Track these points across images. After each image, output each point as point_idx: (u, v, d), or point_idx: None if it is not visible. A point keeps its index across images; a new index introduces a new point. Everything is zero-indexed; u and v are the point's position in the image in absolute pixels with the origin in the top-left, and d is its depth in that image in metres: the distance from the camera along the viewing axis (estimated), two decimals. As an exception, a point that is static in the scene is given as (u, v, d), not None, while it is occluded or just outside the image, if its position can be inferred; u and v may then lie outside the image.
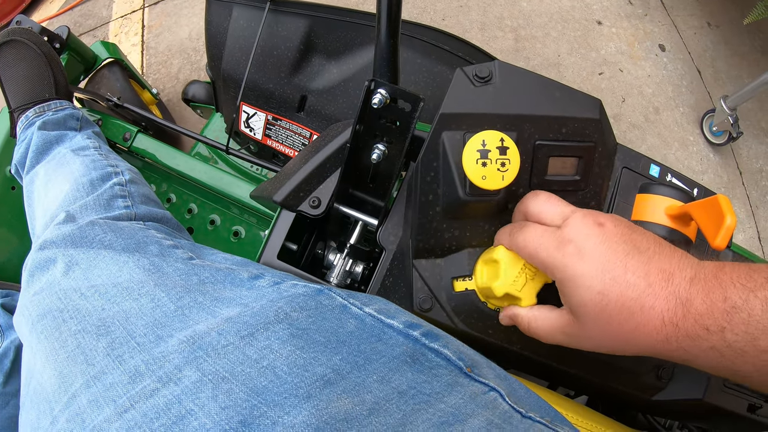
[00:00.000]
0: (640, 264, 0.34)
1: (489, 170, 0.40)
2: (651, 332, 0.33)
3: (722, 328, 0.30)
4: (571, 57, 1.80)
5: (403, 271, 0.51)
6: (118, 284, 0.44)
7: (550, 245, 0.37)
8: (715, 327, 0.31)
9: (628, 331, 0.34)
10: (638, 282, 0.34)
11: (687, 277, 0.33)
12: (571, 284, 0.36)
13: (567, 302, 0.37)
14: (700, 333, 0.31)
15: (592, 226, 0.37)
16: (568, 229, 0.37)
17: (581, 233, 0.36)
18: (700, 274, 0.33)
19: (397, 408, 0.33)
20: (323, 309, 0.39)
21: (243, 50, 0.91)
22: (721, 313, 0.31)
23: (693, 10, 1.95)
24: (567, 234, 0.37)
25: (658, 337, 0.33)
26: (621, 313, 0.34)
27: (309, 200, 0.55)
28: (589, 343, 0.38)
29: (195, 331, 0.36)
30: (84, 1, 1.91)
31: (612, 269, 0.34)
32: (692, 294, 0.32)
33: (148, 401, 0.31)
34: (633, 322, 0.34)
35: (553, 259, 0.37)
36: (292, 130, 0.96)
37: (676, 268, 0.34)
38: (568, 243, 0.36)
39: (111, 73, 1.25)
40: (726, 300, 0.31)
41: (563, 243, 0.37)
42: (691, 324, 0.32)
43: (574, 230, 0.37)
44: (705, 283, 0.32)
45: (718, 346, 0.31)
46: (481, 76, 0.45)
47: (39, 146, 0.83)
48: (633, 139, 1.71)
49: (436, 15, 1.82)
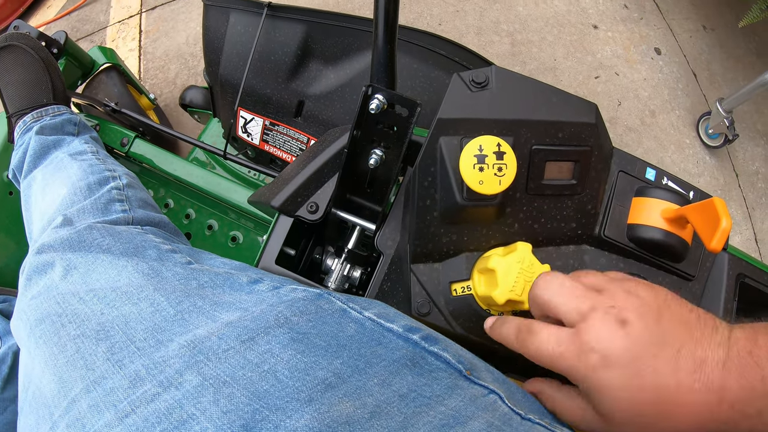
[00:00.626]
0: (668, 361, 0.32)
1: (486, 175, 0.41)
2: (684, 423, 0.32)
3: (760, 412, 0.29)
4: (567, 61, 1.81)
5: (401, 276, 0.51)
6: (117, 288, 0.43)
7: (570, 355, 0.34)
8: (754, 411, 0.30)
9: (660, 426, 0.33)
10: (669, 382, 0.31)
11: (719, 361, 0.31)
12: (598, 395, 0.34)
13: (595, 407, 0.35)
14: (737, 418, 0.30)
15: (615, 328, 0.33)
16: (588, 335, 0.34)
17: (604, 339, 0.33)
18: (732, 353, 0.31)
19: (398, 411, 0.33)
20: (323, 313, 0.40)
21: (240, 55, 0.91)
22: (759, 395, 0.29)
23: (688, 14, 1.96)
24: (588, 341, 0.33)
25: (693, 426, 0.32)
26: (655, 415, 0.32)
27: (307, 205, 0.55)
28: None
29: (195, 335, 0.36)
30: (81, 6, 1.91)
31: (640, 377, 0.32)
32: (726, 380, 0.30)
33: (149, 406, 0.31)
34: (668, 420, 0.32)
35: (576, 370, 0.34)
36: (289, 135, 0.96)
37: (708, 351, 0.32)
38: (590, 352, 0.33)
39: (109, 78, 1.25)
40: (764, 380, 0.29)
41: (584, 352, 0.33)
42: (726, 410, 0.30)
43: (595, 336, 0.33)
44: (739, 363, 0.30)
45: (756, 428, 0.30)
46: (478, 82, 0.46)
47: (36, 151, 0.83)
48: (629, 142, 1.72)
49: (433, 20, 1.83)
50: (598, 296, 0.36)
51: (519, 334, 0.38)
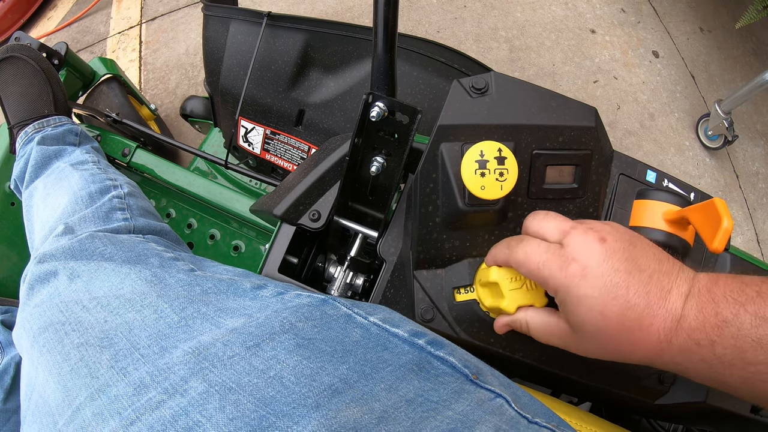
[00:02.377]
0: (641, 283, 0.34)
1: (487, 180, 0.41)
2: (647, 348, 0.35)
3: (712, 342, 0.32)
4: (565, 66, 1.81)
5: (404, 282, 0.52)
6: (120, 296, 0.43)
7: (553, 264, 0.37)
8: (706, 341, 0.32)
9: (625, 347, 0.35)
10: (639, 302, 0.34)
11: (683, 293, 0.34)
12: (574, 304, 0.36)
13: (568, 318, 0.38)
14: (691, 347, 0.33)
15: (595, 243, 0.36)
16: (570, 247, 0.37)
17: (584, 251, 0.36)
18: (695, 288, 0.34)
19: (405, 416, 0.33)
20: (328, 319, 0.39)
21: (241, 65, 0.91)
22: (712, 328, 0.32)
23: (685, 16, 1.97)
24: (570, 252, 0.37)
25: (653, 352, 0.35)
26: (620, 332, 0.35)
27: (309, 213, 0.55)
28: (583, 351, 0.39)
29: (200, 342, 0.36)
30: (81, 18, 1.93)
31: (614, 290, 0.35)
32: (686, 310, 0.33)
33: (154, 413, 0.31)
34: (631, 339, 0.35)
35: (556, 279, 0.37)
36: (290, 144, 0.97)
37: (674, 284, 0.34)
38: (572, 262, 0.36)
39: (109, 89, 1.26)
40: (717, 315, 0.32)
41: (566, 261, 0.36)
42: (684, 338, 0.33)
43: (576, 248, 0.36)
44: (699, 298, 0.33)
45: (707, 358, 0.32)
46: (478, 88, 0.46)
47: (38, 161, 0.83)
48: (629, 145, 1.72)
49: (431, 27, 1.83)
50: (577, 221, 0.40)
51: (510, 243, 0.42)
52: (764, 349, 0.30)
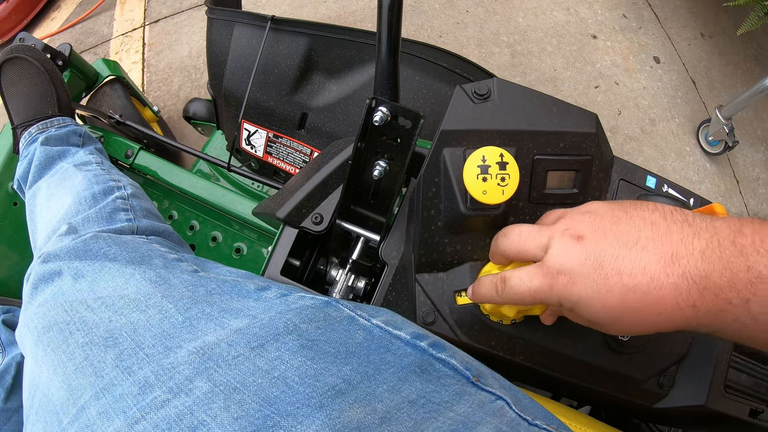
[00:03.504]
0: (633, 261, 0.33)
1: (489, 185, 0.41)
2: (669, 318, 0.32)
3: (746, 300, 0.29)
4: (567, 71, 1.82)
5: (406, 286, 0.52)
6: (124, 296, 0.44)
7: (544, 286, 0.37)
8: (739, 300, 0.29)
9: (646, 322, 0.34)
10: (637, 281, 0.33)
11: (696, 251, 0.31)
12: (576, 310, 0.36)
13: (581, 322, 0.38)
14: (722, 307, 0.30)
15: (572, 244, 0.36)
16: (551, 260, 0.36)
17: (564, 258, 0.36)
18: (713, 242, 0.31)
19: (408, 417, 0.33)
20: (331, 320, 0.40)
21: (244, 68, 0.92)
22: (745, 284, 0.29)
23: (686, 22, 1.97)
24: (552, 266, 0.36)
25: (679, 320, 0.32)
26: (632, 314, 0.33)
27: (311, 217, 0.56)
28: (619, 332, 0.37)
29: (204, 342, 0.36)
30: (85, 19, 1.93)
31: (606, 281, 0.34)
32: (707, 269, 0.30)
33: (159, 412, 0.31)
34: (646, 317, 0.33)
35: (552, 297, 0.36)
36: (293, 147, 0.97)
37: (679, 245, 0.32)
38: (558, 275, 0.36)
39: (113, 91, 1.26)
40: (749, 269, 0.29)
41: (553, 277, 0.36)
42: (711, 300, 0.30)
43: (556, 258, 0.36)
44: (721, 252, 0.30)
45: (741, 318, 0.30)
46: (480, 93, 0.46)
47: (41, 161, 0.83)
48: (630, 151, 1.72)
49: (433, 32, 1.84)
50: (555, 225, 0.38)
51: (497, 287, 0.41)
52: None
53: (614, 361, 0.48)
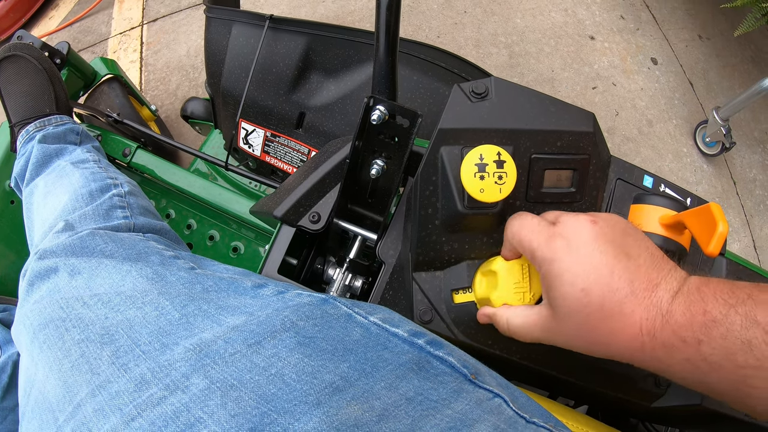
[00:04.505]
0: (627, 270, 0.34)
1: (487, 183, 0.41)
2: (627, 338, 0.34)
3: (699, 341, 0.31)
4: (564, 72, 1.82)
5: (403, 284, 0.52)
6: (121, 293, 0.43)
7: (541, 237, 0.38)
8: (692, 339, 0.31)
9: (603, 333, 0.35)
10: (622, 287, 0.34)
11: (671, 290, 0.33)
12: (556, 278, 0.36)
13: (548, 295, 0.38)
14: (676, 344, 0.32)
15: (585, 223, 0.37)
16: (561, 225, 0.38)
17: (573, 229, 0.37)
18: (684, 287, 0.33)
19: (405, 414, 0.33)
20: (329, 318, 0.40)
21: (242, 67, 0.92)
22: (700, 326, 0.31)
23: (684, 24, 1.98)
24: (559, 229, 0.37)
25: (633, 345, 0.34)
26: (599, 313, 0.34)
27: (309, 215, 0.56)
28: (563, 338, 0.38)
29: (201, 339, 0.36)
30: (83, 18, 1.93)
31: (598, 269, 0.34)
32: (673, 306, 0.32)
33: (155, 409, 0.31)
34: (610, 325, 0.34)
35: (542, 251, 0.37)
36: (290, 146, 0.97)
37: (663, 279, 0.34)
38: (559, 237, 0.37)
39: (110, 90, 1.26)
40: (705, 313, 0.31)
41: (554, 237, 0.37)
42: (669, 334, 0.32)
43: (566, 226, 0.37)
44: (687, 296, 0.32)
45: (693, 358, 0.31)
46: (478, 92, 0.46)
47: (39, 159, 0.83)
48: (627, 151, 1.73)
49: (431, 32, 1.84)
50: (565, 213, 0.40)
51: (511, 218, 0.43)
52: (754, 352, 0.29)
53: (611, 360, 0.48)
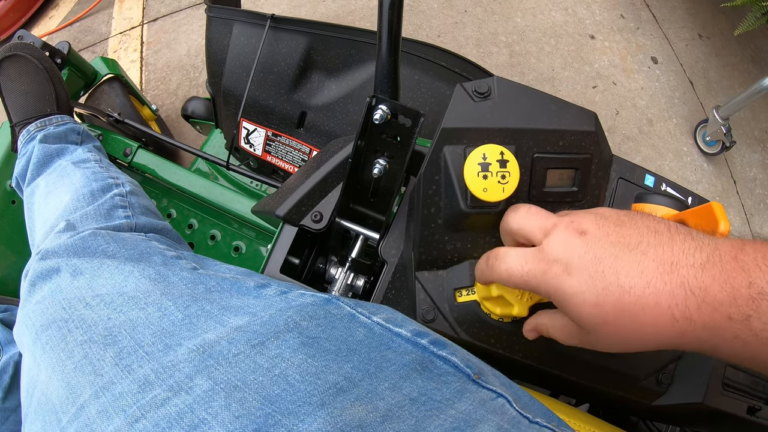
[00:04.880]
0: (632, 263, 0.32)
1: (490, 183, 0.41)
2: (661, 330, 0.31)
3: (747, 316, 0.28)
4: (565, 71, 1.82)
5: (406, 284, 0.52)
6: (123, 293, 0.43)
7: (536, 271, 0.36)
8: (740, 316, 0.28)
9: (635, 332, 0.32)
10: (634, 283, 0.31)
11: (697, 263, 0.30)
12: (568, 303, 0.35)
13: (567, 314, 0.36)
14: (721, 323, 0.29)
15: (574, 237, 0.35)
16: (549, 247, 0.36)
17: (563, 249, 0.35)
18: (715, 256, 0.30)
19: (409, 414, 0.33)
20: (332, 318, 0.39)
21: (243, 67, 0.92)
22: (746, 300, 0.28)
23: (684, 23, 1.98)
24: (550, 253, 0.35)
25: (671, 333, 0.31)
26: (623, 318, 0.32)
27: (311, 215, 0.56)
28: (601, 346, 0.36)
29: (204, 339, 0.36)
30: (83, 17, 1.93)
31: (602, 278, 0.33)
32: (707, 281, 0.29)
33: (159, 410, 0.31)
34: (638, 324, 0.32)
35: (544, 284, 0.36)
36: (291, 146, 0.97)
37: (680, 255, 0.31)
38: (553, 263, 0.35)
39: (111, 89, 1.26)
40: (751, 285, 0.28)
41: (548, 264, 0.35)
42: (708, 314, 0.29)
43: (555, 247, 0.35)
44: (722, 267, 0.29)
45: (742, 335, 0.28)
46: (481, 92, 0.46)
47: (40, 159, 0.83)
48: (627, 150, 1.73)
49: (432, 32, 1.84)
50: (561, 217, 0.38)
51: (488, 261, 0.40)
52: None
53: (613, 359, 0.48)
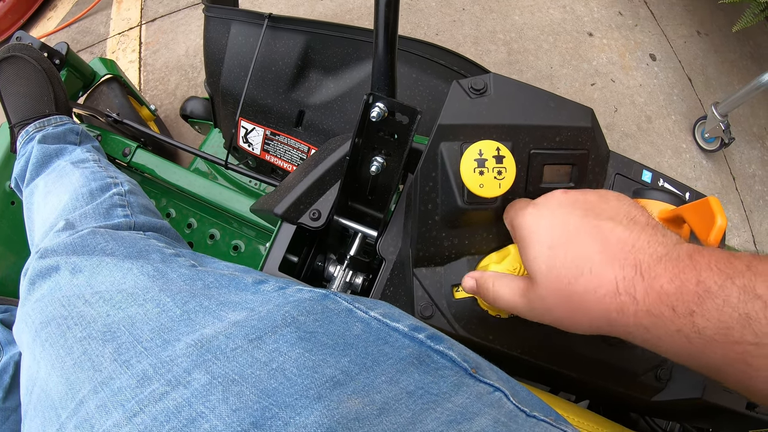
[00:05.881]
0: (597, 228, 0.34)
1: (486, 178, 0.41)
2: (603, 298, 0.32)
3: (691, 312, 0.29)
4: (563, 69, 1.82)
5: (404, 280, 0.52)
6: (122, 290, 0.44)
7: (518, 208, 0.40)
8: (684, 309, 0.29)
9: (578, 293, 0.33)
10: (591, 244, 0.33)
11: (655, 253, 0.32)
12: (526, 241, 0.38)
13: (523, 261, 0.38)
14: (664, 312, 0.30)
15: (557, 192, 0.39)
16: (537, 199, 0.40)
17: (545, 198, 0.39)
18: (673, 253, 0.31)
19: (406, 407, 0.33)
20: (329, 313, 0.40)
21: (241, 66, 0.92)
22: (692, 296, 0.29)
23: (682, 20, 1.98)
24: (536, 200, 0.40)
25: (611, 306, 0.32)
26: (570, 270, 0.33)
27: (309, 213, 0.56)
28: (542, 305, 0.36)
29: (202, 334, 0.36)
30: (81, 18, 1.93)
31: (564, 226, 0.35)
32: (658, 271, 0.30)
33: (157, 405, 0.31)
34: (582, 283, 0.33)
35: (517, 219, 0.39)
36: (290, 144, 0.97)
37: (645, 243, 0.32)
38: (531, 206, 0.39)
39: (110, 90, 1.26)
40: (699, 283, 0.29)
41: (527, 206, 0.39)
42: (654, 301, 0.30)
43: (540, 198, 0.40)
44: (677, 263, 0.30)
45: (685, 330, 0.29)
46: (477, 89, 0.47)
47: (39, 159, 0.83)
48: (626, 148, 1.73)
49: (430, 30, 1.84)
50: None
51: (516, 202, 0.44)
52: (753, 327, 0.27)
53: (611, 354, 0.49)
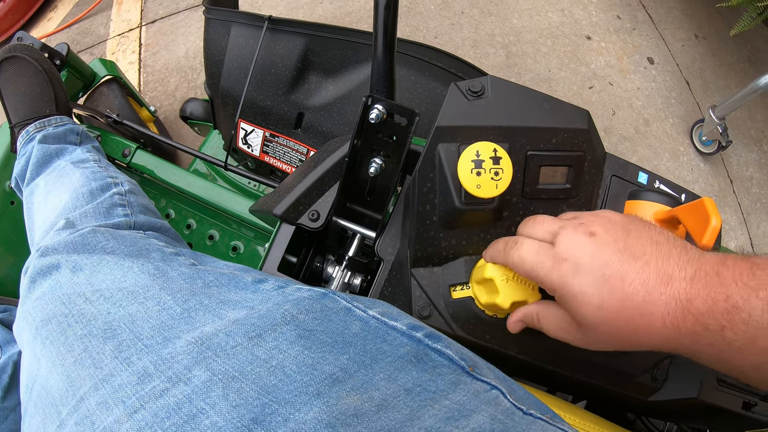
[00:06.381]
0: (637, 272, 0.35)
1: (483, 179, 0.42)
2: (652, 335, 0.34)
3: (722, 327, 0.31)
4: (561, 72, 1.83)
5: (402, 281, 0.52)
6: (123, 288, 0.44)
7: (546, 264, 0.38)
8: (715, 326, 0.31)
9: (628, 336, 0.35)
10: (637, 291, 0.34)
11: (687, 277, 0.33)
12: (571, 301, 0.37)
13: (571, 316, 0.38)
14: (699, 331, 0.32)
15: (584, 238, 0.37)
16: (561, 246, 0.38)
17: (574, 248, 0.37)
18: (701, 271, 0.33)
19: (404, 404, 0.34)
20: (328, 311, 0.40)
21: (241, 68, 0.92)
22: (722, 313, 0.31)
23: (680, 23, 1.99)
24: (561, 251, 0.38)
25: (659, 339, 0.34)
26: (620, 321, 0.35)
27: (308, 213, 0.56)
28: (594, 345, 0.39)
29: (202, 332, 0.36)
30: (82, 19, 1.93)
31: (609, 283, 0.35)
32: (692, 294, 0.32)
33: (158, 401, 0.31)
34: (633, 329, 0.35)
35: (551, 279, 0.38)
36: (289, 146, 0.98)
37: (675, 268, 0.34)
38: (563, 261, 0.37)
39: (110, 91, 1.26)
40: (727, 299, 0.31)
41: (558, 261, 0.37)
42: (691, 323, 0.32)
43: (567, 246, 0.38)
44: (706, 281, 0.32)
45: (716, 343, 0.32)
46: (474, 91, 0.47)
47: (39, 159, 0.84)
48: (624, 151, 1.73)
49: (429, 33, 1.85)
50: (569, 220, 0.41)
51: (506, 246, 0.42)
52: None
53: (608, 354, 0.49)
